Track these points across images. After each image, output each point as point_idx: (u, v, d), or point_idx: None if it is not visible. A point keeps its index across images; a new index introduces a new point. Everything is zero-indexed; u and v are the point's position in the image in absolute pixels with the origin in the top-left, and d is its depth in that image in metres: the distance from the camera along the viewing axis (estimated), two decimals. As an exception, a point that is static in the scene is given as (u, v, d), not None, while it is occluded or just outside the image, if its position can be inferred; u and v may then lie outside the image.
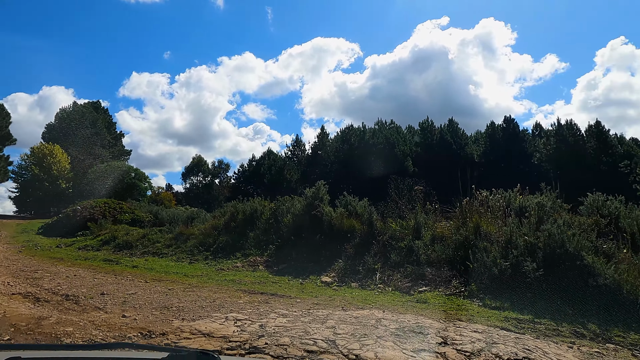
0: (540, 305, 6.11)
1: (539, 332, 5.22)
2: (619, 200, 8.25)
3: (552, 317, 5.79)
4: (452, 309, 6.15)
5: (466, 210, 8.98)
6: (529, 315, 5.91)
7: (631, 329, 5.44)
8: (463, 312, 6.00)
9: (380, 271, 8.59)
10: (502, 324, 5.42)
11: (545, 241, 6.72)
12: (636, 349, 4.81)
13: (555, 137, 43.77)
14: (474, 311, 6.06)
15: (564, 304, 6.05)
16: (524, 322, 5.61)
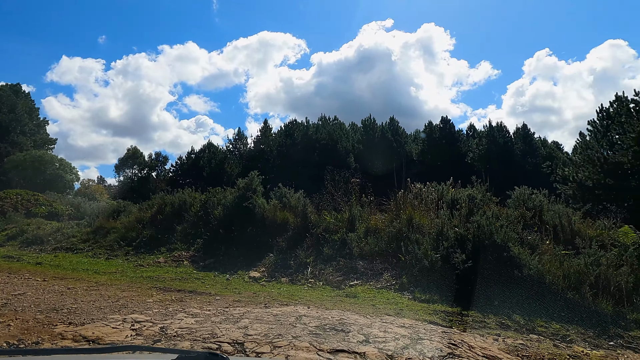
0: (468, 297, 6.03)
1: (466, 324, 5.08)
2: (542, 194, 8.53)
3: (479, 309, 5.71)
4: (381, 303, 5.89)
5: (400, 203, 8.85)
6: (457, 308, 5.79)
7: (553, 318, 5.49)
8: (392, 306, 5.76)
9: (312, 265, 8.20)
10: (431, 317, 5.22)
11: (474, 232, 6.68)
12: (557, 339, 4.80)
13: (487, 138, 46.25)
14: (404, 305, 5.84)
15: (491, 295, 6.01)
16: (453, 315, 5.46)
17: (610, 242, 6.96)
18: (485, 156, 45.23)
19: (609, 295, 5.74)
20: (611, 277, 5.87)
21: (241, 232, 10.11)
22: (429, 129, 51.60)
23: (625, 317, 5.51)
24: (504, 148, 44.99)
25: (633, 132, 24.45)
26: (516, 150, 45.70)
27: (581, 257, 6.16)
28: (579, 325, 5.32)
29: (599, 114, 30.11)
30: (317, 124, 56.22)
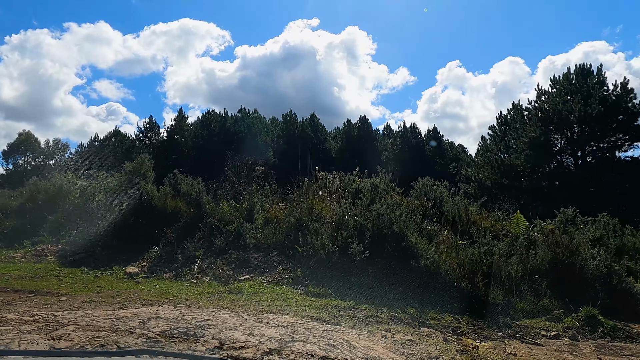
0: (364, 290, 5.61)
1: (356, 320, 4.59)
2: (443, 186, 8.54)
3: (374, 302, 5.30)
4: (267, 299, 5.22)
5: (302, 192, 8.28)
6: (350, 302, 5.32)
7: (446, 310, 5.25)
8: (279, 301, 5.11)
9: (201, 259, 7.28)
10: (319, 313, 4.66)
11: (374, 221, 6.30)
12: (448, 332, 4.51)
13: (401, 139, 48.23)
14: (293, 300, 5.23)
15: (387, 288, 5.65)
16: (344, 310, 4.96)
17: (503, 232, 7.06)
18: (399, 155, 47.09)
19: (500, 284, 5.68)
20: (502, 267, 5.83)
21: (124, 221, 8.80)
22: (348, 127, 52.52)
23: (514, 306, 5.46)
24: (416, 148, 47.25)
25: (526, 137, 26.74)
26: (427, 151, 48.26)
27: (475, 247, 6.07)
28: (471, 315, 5.13)
29: (498, 120, 32.58)
30: (236, 116, 54.34)
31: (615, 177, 24.49)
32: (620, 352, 4.16)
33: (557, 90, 26.38)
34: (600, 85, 24.73)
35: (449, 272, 5.67)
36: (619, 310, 5.67)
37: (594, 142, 25.29)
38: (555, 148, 26.77)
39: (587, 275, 5.98)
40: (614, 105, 23.84)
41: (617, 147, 25.03)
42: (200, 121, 53.21)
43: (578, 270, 5.99)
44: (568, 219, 6.67)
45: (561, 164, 27.43)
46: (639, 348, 4.35)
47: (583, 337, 4.64)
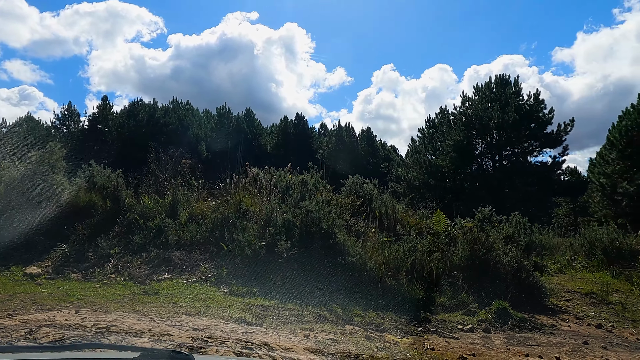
0: (290, 288, 5.48)
1: (280, 319, 4.45)
2: (373, 184, 8.69)
3: (300, 301, 5.19)
4: (186, 300, 4.90)
5: (231, 187, 7.96)
6: (276, 301, 5.17)
7: (370, 306, 5.28)
8: (199, 302, 4.81)
9: (116, 257, 6.71)
10: (241, 314, 4.45)
11: (302, 218, 6.20)
12: (371, 328, 4.52)
13: (336, 137, 48.96)
14: (214, 301, 4.96)
15: (314, 285, 5.57)
16: (268, 309, 4.80)
17: (427, 230, 7.33)
18: (334, 154, 47.80)
19: (422, 280, 5.85)
20: (425, 263, 6.01)
21: (29, 216, 7.87)
22: (284, 123, 52.28)
23: (434, 301, 5.65)
24: (350, 147, 48.22)
25: (451, 141, 28.34)
26: (360, 150, 49.48)
27: (400, 244, 6.21)
28: (395, 312, 5.21)
29: (426, 123, 34.16)
30: (167, 107, 51.65)
31: (526, 179, 26.84)
32: (526, 342, 4.43)
33: (479, 98, 28.28)
34: (516, 95, 26.91)
35: (375, 269, 5.73)
36: (527, 302, 6.09)
37: (510, 147, 27.45)
38: (477, 151, 28.69)
39: (500, 270, 6.37)
40: (527, 113, 26.05)
41: (529, 152, 27.39)
42: (126, 110, 49.88)
43: (492, 266, 6.36)
44: (485, 217, 7.11)
45: (481, 166, 29.48)
46: (542, 338, 4.68)
47: (495, 329, 4.91)
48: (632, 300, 6.75)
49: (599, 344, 4.55)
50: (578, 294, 6.94)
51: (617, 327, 5.42)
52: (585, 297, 6.75)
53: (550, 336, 4.78)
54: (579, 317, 5.81)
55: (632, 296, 6.99)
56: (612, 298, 6.72)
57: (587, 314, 6.01)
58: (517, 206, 25.77)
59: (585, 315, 5.92)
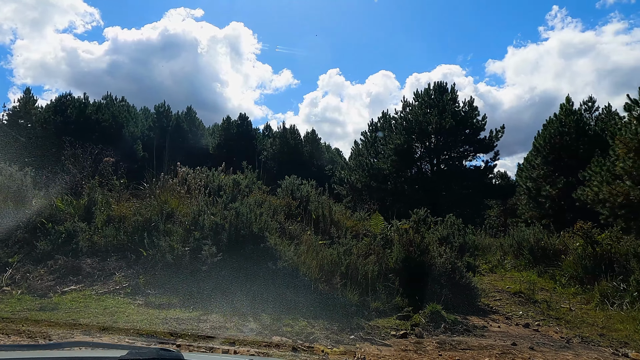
0: (215, 298, 5.02)
1: (199, 333, 3.99)
2: (310, 185, 8.42)
3: (224, 311, 4.75)
4: (91, 315, 4.28)
5: (156, 188, 7.31)
6: (198, 312, 4.69)
7: (301, 314, 4.96)
8: (106, 317, 4.22)
9: (15, 267, 5.85)
10: (154, 328, 3.94)
11: (232, 221, 5.75)
12: (300, 339, 4.20)
13: (280, 139, 48.48)
14: (125, 314, 4.39)
15: (242, 294, 5.15)
16: (187, 322, 4.32)
17: (364, 232, 7.18)
18: (278, 155, 47.31)
19: (357, 284, 5.64)
20: (360, 266, 5.81)
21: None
22: (227, 124, 50.96)
23: (369, 306, 5.45)
24: (294, 149, 47.97)
25: (392, 144, 28.95)
26: (305, 152, 49.38)
27: (335, 247, 5.97)
28: (327, 319, 4.92)
29: (369, 127, 34.74)
30: (100, 103, 48.29)
31: (462, 182, 28.08)
32: (458, 347, 4.33)
33: (419, 104, 29.17)
34: (453, 102, 28.08)
35: (308, 274, 5.43)
36: (460, 303, 6.10)
37: (447, 151, 28.58)
38: (416, 155, 29.56)
39: (435, 272, 6.33)
40: (462, 120, 27.26)
41: (464, 156, 28.69)
42: (53, 105, 45.96)
43: (428, 268, 6.30)
44: (420, 219, 7.11)
45: (420, 169, 30.43)
46: (474, 341, 4.62)
47: (428, 334, 4.78)
48: (556, 298, 7.02)
49: (527, 345, 4.57)
50: (507, 293, 7.11)
51: (543, 326, 5.54)
52: (514, 297, 6.91)
53: (481, 338, 4.74)
54: (508, 317, 5.89)
55: (556, 294, 7.28)
56: (538, 296, 6.94)
57: (516, 313, 6.12)
58: (453, 208, 26.89)
59: (514, 315, 6.03)
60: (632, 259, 6.73)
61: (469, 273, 6.92)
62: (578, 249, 7.82)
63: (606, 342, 4.93)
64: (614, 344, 4.89)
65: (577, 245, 8.12)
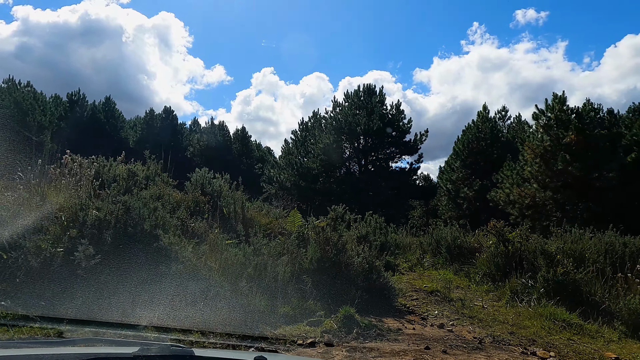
0: (89, 310, 4.17)
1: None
2: (224, 179, 7.72)
3: (99, 327, 3.93)
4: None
5: (35, 178, 6.17)
6: (65, 327, 3.83)
7: (195, 325, 4.28)
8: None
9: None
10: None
11: (119, 216, 4.91)
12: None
13: (208, 135, 46.53)
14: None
15: (124, 303, 4.35)
16: (46, 344, 3.46)
17: (280, 230, 6.65)
18: (205, 152, 45.31)
19: (265, 287, 5.08)
20: (270, 267, 5.26)
21: None
22: (150, 117, 47.84)
23: (277, 311, 4.92)
24: (223, 146, 46.29)
25: (321, 144, 28.83)
26: (234, 149, 47.89)
27: (242, 247, 5.37)
28: (226, 329, 4.30)
29: (300, 126, 34.37)
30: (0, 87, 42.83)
31: (388, 183, 28.77)
32: (369, 355, 3.95)
33: (349, 104, 29.40)
34: (381, 104, 28.67)
35: (208, 277, 4.77)
36: (377, 305, 5.80)
37: (374, 152, 29.11)
38: (345, 155, 29.76)
39: (352, 273, 5.98)
40: (389, 122, 27.92)
41: (391, 158, 29.44)
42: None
43: (344, 268, 5.93)
44: (338, 216, 6.73)
45: (349, 169, 30.71)
46: (386, 346, 4.28)
47: (338, 341, 4.36)
48: (470, 295, 7.03)
49: (440, 348, 4.32)
50: (424, 292, 6.98)
51: (457, 326, 5.40)
52: (431, 296, 6.79)
53: (395, 343, 4.42)
54: (424, 317, 5.70)
55: (470, 292, 7.32)
56: (454, 295, 6.89)
57: (432, 312, 5.96)
58: (380, 208, 27.44)
59: (430, 315, 5.85)
60: (539, 256, 6.93)
61: (389, 272, 6.68)
62: (491, 247, 7.96)
63: (516, 340, 4.87)
64: (523, 342, 4.84)
65: (490, 243, 8.28)
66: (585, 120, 18.49)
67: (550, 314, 5.68)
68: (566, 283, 6.40)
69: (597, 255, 7.33)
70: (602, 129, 19.36)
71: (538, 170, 18.46)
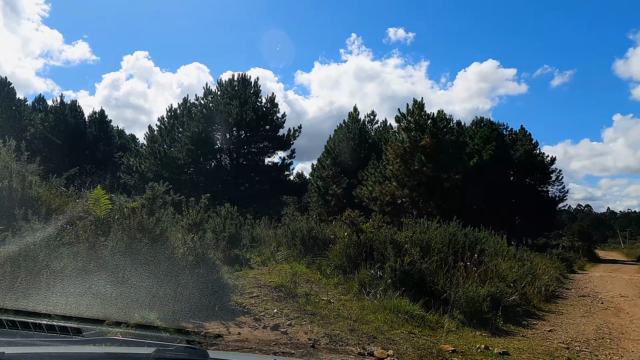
0: None
1: None
2: (7, 146, 5.75)
3: None
4: None
5: None
6: None
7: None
8: None
9: None
10: None
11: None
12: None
13: (56, 115, 39.81)
14: None
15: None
16: None
17: (81, 213, 5.08)
18: (52, 134, 38.65)
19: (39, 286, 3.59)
20: (49, 262, 3.78)
21: None
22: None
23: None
24: (75, 129, 40.06)
25: (189, 132, 26.61)
26: (89, 134, 41.96)
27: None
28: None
29: (168, 112, 31.34)
30: None
31: (261, 178, 27.91)
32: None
33: (221, 93, 27.71)
34: (256, 96, 27.64)
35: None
36: (206, 305, 4.74)
37: (247, 145, 27.93)
38: (216, 146, 27.97)
39: (175, 267, 4.80)
40: (264, 115, 27.05)
41: (264, 152, 28.58)
42: None
43: (164, 261, 4.70)
44: (157, 195, 5.41)
45: (220, 162, 28.98)
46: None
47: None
48: (318, 290, 6.42)
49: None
50: (268, 288, 6.13)
51: (294, 326, 4.63)
52: (275, 292, 5.96)
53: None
54: (258, 318, 4.81)
55: (320, 285, 6.72)
56: (301, 290, 6.18)
57: (270, 311, 5.10)
58: (252, 203, 26.40)
59: (267, 314, 4.99)
60: (389, 245, 6.66)
61: (235, 267, 5.66)
62: (345, 238, 7.54)
63: (355, 338, 4.28)
64: (363, 339, 4.27)
65: (345, 234, 7.88)
66: (439, 126, 20.16)
67: (394, 307, 5.32)
68: (412, 273, 6.19)
69: (441, 245, 7.41)
70: (452, 136, 21.39)
71: (398, 169, 19.48)
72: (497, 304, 6.31)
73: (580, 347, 5.21)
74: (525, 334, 5.84)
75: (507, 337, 5.46)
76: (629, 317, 7.41)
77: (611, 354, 4.99)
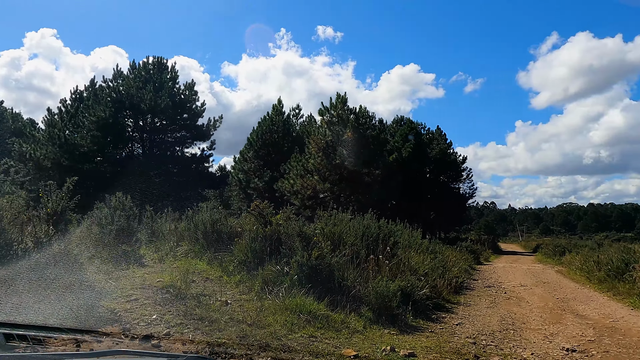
0: None
1: None
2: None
3: None
4: None
5: None
6: None
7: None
8: None
9: None
10: None
11: None
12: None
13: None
14: None
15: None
16: None
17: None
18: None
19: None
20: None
21: None
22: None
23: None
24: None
25: (95, 117, 24.00)
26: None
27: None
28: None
29: (72, 95, 28.05)
30: None
31: (178, 169, 26.06)
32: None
33: (134, 76, 25.40)
34: (173, 82, 25.71)
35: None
36: (67, 313, 3.78)
37: (162, 134, 25.94)
38: (127, 134, 25.59)
39: (24, 268, 3.76)
40: (181, 102, 25.25)
41: (181, 142, 26.73)
42: None
43: (9, 260, 3.66)
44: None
45: (131, 151, 26.57)
46: None
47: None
48: (216, 289, 5.67)
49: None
50: (154, 289, 5.25)
51: (173, 335, 3.87)
52: (161, 293, 5.10)
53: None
54: (129, 327, 3.95)
55: (220, 284, 5.98)
56: (194, 290, 5.39)
57: (147, 318, 4.27)
58: (168, 195, 24.51)
59: (142, 322, 4.15)
60: (297, 238, 6.11)
61: (122, 265, 4.69)
62: (252, 232, 6.85)
63: (243, 348, 3.63)
64: (252, 349, 3.64)
65: (254, 227, 7.18)
66: (361, 122, 20.19)
67: (297, 306, 4.77)
68: (321, 268, 5.71)
69: (354, 238, 7.04)
70: (373, 131, 21.59)
71: (320, 163, 19.18)
72: (407, 298, 6.08)
73: (487, 341, 5.09)
74: (434, 329, 5.64)
75: (416, 334, 5.19)
76: (529, 306, 7.66)
77: (515, 347, 4.92)
